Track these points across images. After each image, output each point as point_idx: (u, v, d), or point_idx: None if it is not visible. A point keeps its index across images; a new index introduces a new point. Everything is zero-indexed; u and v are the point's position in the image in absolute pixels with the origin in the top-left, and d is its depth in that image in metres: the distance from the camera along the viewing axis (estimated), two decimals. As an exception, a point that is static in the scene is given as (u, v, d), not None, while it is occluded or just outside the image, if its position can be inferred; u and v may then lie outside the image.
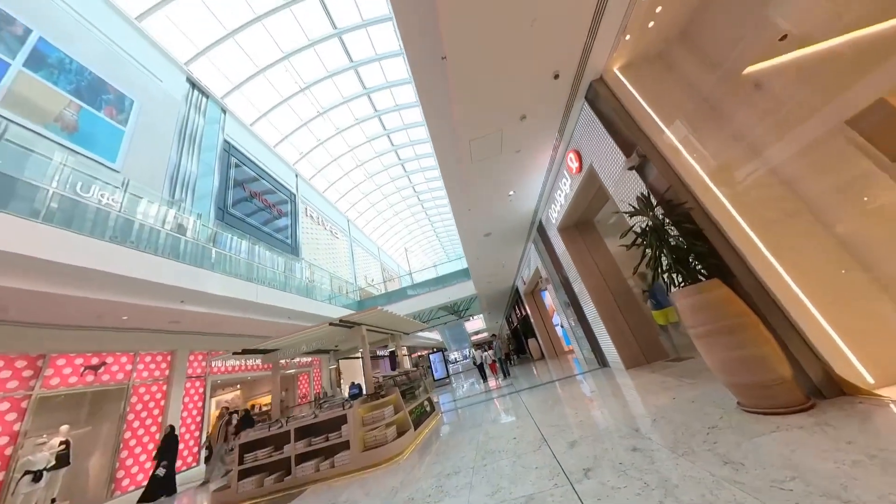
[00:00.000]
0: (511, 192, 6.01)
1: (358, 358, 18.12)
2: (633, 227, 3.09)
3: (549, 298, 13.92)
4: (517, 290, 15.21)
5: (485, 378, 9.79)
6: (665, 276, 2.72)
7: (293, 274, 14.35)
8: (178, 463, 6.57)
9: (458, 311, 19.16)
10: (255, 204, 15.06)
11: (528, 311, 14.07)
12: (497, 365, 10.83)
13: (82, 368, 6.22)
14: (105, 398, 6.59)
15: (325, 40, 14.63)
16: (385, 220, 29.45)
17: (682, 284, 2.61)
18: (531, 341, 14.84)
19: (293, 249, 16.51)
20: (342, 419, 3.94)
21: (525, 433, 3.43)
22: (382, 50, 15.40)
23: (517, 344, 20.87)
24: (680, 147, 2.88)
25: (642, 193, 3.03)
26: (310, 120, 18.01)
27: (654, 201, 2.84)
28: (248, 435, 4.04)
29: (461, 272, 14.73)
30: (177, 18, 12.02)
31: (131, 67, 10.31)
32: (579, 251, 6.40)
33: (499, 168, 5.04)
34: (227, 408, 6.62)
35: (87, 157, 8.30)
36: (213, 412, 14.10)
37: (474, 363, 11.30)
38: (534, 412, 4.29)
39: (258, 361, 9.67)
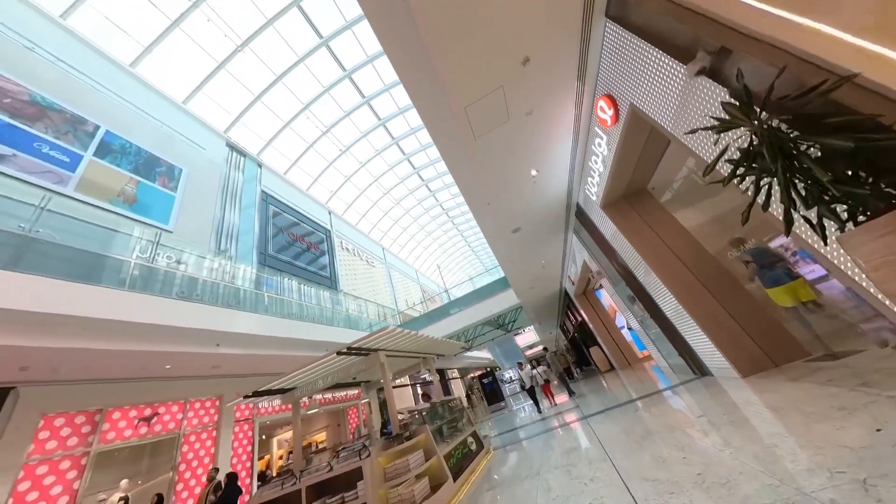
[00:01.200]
0: (534, 172, 5.01)
1: (407, 385, 17.37)
2: (723, 152, 1.94)
3: (606, 297, 11.95)
4: (566, 293, 13.44)
5: (538, 404, 7.94)
6: (803, 212, 1.54)
7: (329, 306, 14.48)
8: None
9: (503, 325, 17.63)
10: (293, 245, 15.84)
11: (585, 316, 12.18)
12: (550, 386, 8.74)
13: (136, 420, 6.34)
14: (158, 449, 6.62)
15: (337, 84, 15.46)
16: (418, 242, 29.54)
17: (847, 222, 1.41)
18: (594, 350, 12.74)
19: (332, 282, 16.86)
20: (358, 473, 3.11)
21: (604, 493, 2.25)
22: (389, 80, 15.83)
23: (578, 355, 18.39)
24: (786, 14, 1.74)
25: (729, 99, 1.91)
26: (335, 159, 19.01)
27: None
28: (262, 496, 3.40)
29: (499, 282, 13.51)
30: (215, 94, 13.56)
31: (179, 141, 11.63)
32: (636, 229, 5.04)
33: (510, 142, 4.14)
34: (216, 468, 6.18)
35: (145, 223, 9.18)
36: (277, 451, 14.27)
37: (522, 387, 9.25)
38: (614, 452, 3.02)
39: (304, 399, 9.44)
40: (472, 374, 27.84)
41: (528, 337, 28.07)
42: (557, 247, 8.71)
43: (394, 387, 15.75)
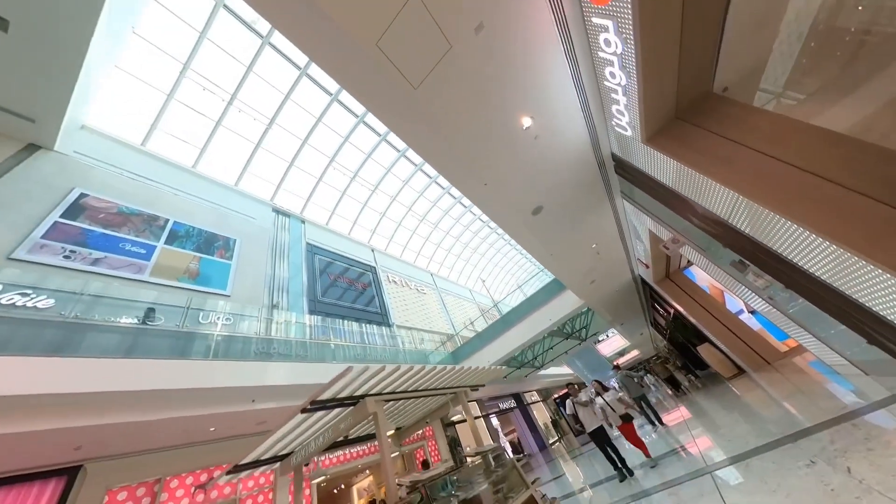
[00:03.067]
0: (527, 123, 3.66)
1: (478, 417, 15.53)
2: None
3: (701, 275, 8.90)
4: (643, 281, 10.59)
5: (616, 464, 4.32)
6: None
7: (380, 342, 14.08)
8: None
9: (572, 333, 14.84)
10: (339, 286, 16.37)
11: (678, 306, 9.22)
12: (634, 427, 4.79)
13: (193, 488, 6.29)
14: (217, 516, 6.42)
15: (354, 130, 16.35)
16: (466, 260, 28.52)
17: None
18: (704, 349, 9.44)
19: (383, 317, 16.71)
20: None
21: None
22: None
23: (683, 358, 14.28)
24: None
25: None
26: (367, 199, 19.83)
27: None
28: None
29: (552, 285, 11.42)
30: (258, 170, 15.41)
31: (233, 217, 13.18)
32: (716, 154, 3.20)
33: (470, 81, 2.98)
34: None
35: (206, 293, 10.15)
36: (357, 502, 13.69)
37: (576, 424, 5.12)
38: None
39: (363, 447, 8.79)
40: (555, 396, 24.19)
41: (613, 343, 23.59)
42: (606, 222, 6.71)
43: (461, 422, 14.18)
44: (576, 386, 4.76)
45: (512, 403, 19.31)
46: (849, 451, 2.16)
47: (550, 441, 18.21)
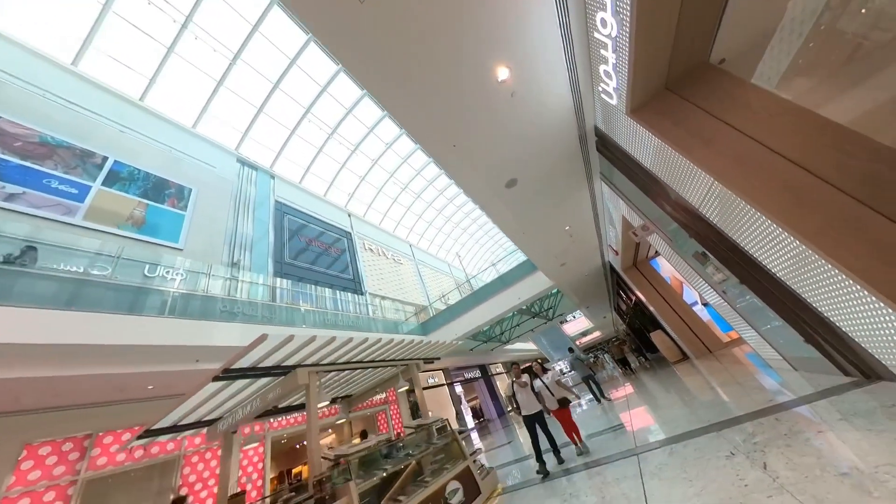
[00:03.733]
0: (503, 74, 3.16)
1: (442, 385, 16.13)
2: None
3: (665, 266, 9.12)
4: (612, 268, 10.78)
5: (539, 457, 3.79)
6: None
7: (352, 309, 13.85)
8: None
9: (540, 312, 15.28)
10: (311, 250, 15.65)
11: (640, 294, 9.51)
12: (570, 412, 4.20)
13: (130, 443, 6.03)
14: (156, 473, 6.26)
15: (333, 80, 14.73)
16: (447, 234, 28.18)
17: None
18: (657, 335, 9.96)
19: (356, 285, 16.35)
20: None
21: None
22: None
23: (638, 342, 15.22)
24: None
25: None
26: (346, 160, 18.53)
27: None
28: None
29: (525, 265, 11.41)
30: (221, 114, 13.73)
31: (188, 163, 11.83)
32: (698, 132, 2.90)
33: (439, 5, 2.41)
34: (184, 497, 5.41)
35: (153, 244, 9.24)
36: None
37: (514, 405, 4.40)
38: None
39: (328, 409, 8.77)
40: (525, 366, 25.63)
41: (578, 324, 24.84)
42: (583, 204, 6.49)
43: (426, 388, 14.66)
44: (518, 365, 4.45)
45: (477, 374, 20.21)
46: (768, 445, 2.14)
47: (508, 409, 19.48)
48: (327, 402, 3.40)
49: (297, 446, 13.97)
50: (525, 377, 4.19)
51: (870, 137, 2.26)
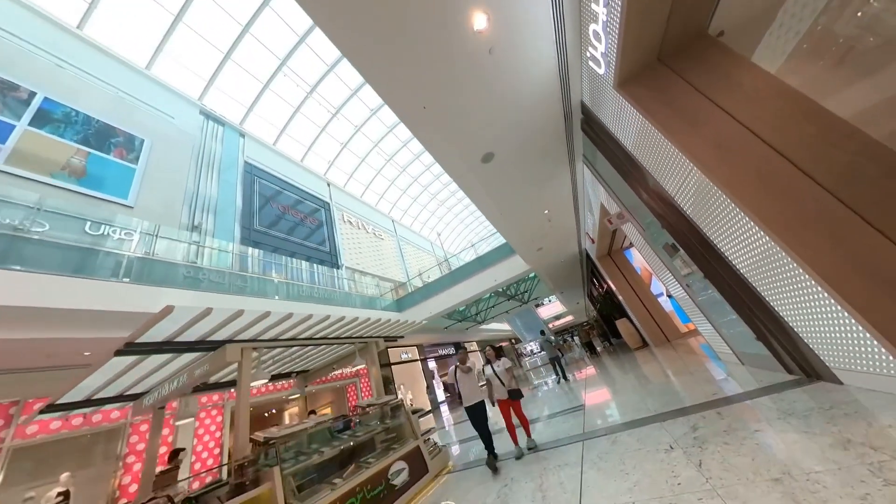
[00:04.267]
0: (480, 23, 2.70)
1: (415, 360, 16.38)
2: None
3: (638, 257, 9.25)
4: (588, 256, 10.86)
5: (488, 444, 3.39)
6: None
7: (328, 282, 13.44)
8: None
9: (515, 295, 15.50)
10: (284, 219, 14.81)
11: (611, 283, 9.68)
12: (520, 404, 3.60)
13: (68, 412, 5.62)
14: (100, 440, 5.94)
15: (313, 30, 13.24)
16: (431, 212, 27.61)
17: None
18: (622, 323, 10.30)
19: (332, 257, 15.82)
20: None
21: None
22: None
23: (606, 328, 15.87)
24: None
25: None
26: (327, 124, 17.23)
27: None
28: None
29: (503, 248, 11.28)
30: (182, 57, 12.12)
31: (141, 110, 10.50)
32: (684, 111, 2.63)
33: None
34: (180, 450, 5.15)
35: (98, 198, 8.29)
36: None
37: (457, 397, 4.56)
38: None
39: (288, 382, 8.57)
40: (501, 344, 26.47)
41: (552, 308, 25.67)
42: (563, 189, 6.24)
43: (398, 363, 14.80)
44: (465, 348, 4.00)
45: (451, 351, 20.69)
46: (707, 441, 2.09)
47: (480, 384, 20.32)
48: (265, 381, 3.16)
49: (267, 414, 13.97)
50: (471, 362, 3.74)
51: (861, 130, 2.07)
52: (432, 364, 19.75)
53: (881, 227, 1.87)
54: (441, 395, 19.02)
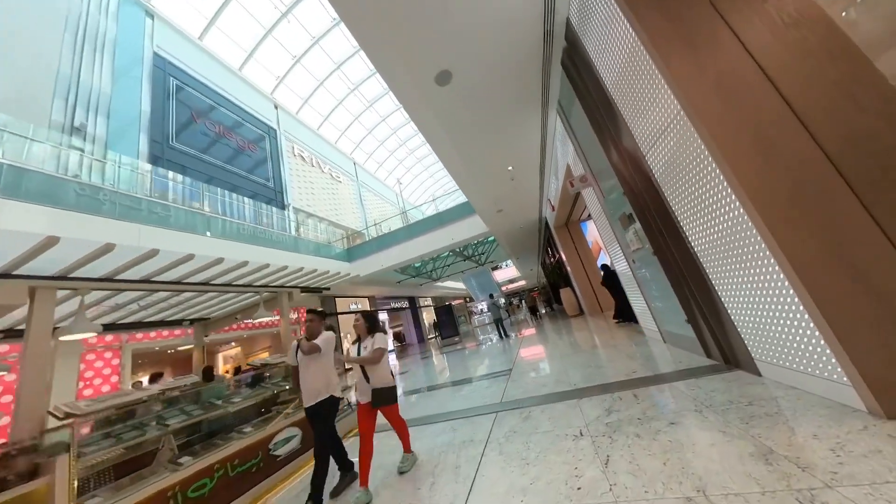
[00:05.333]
0: None
1: (355, 312, 16.08)
2: None
3: (591, 231, 9.25)
4: (547, 224, 10.71)
5: (340, 461, 2.41)
6: None
7: (272, 223, 11.84)
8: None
9: (471, 256, 15.39)
10: (219, 143, 12.28)
11: (563, 253, 9.72)
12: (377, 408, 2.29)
13: None
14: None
15: None
16: (399, 160, 25.41)
17: None
18: (564, 292, 10.70)
19: (277, 195, 13.88)
20: None
21: None
22: None
23: (551, 294, 16.77)
24: None
25: None
26: (274, 26, 13.77)
27: None
28: None
29: (464, 206, 10.60)
30: None
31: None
32: (695, 24, 1.93)
33: None
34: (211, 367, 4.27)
35: None
36: (223, 366, 13.56)
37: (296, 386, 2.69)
38: None
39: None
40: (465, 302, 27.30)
41: (508, 272, 26.63)
42: (531, 140, 5.51)
43: (346, 313, 14.35)
44: (322, 311, 2.55)
45: (405, 304, 20.79)
46: (618, 431, 1.83)
47: (429, 336, 21.07)
48: (93, 333, 2.34)
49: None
50: (325, 337, 2.45)
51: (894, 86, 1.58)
52: (385, 316, 19.77)
53: (883, 222, 1.48)
54: (391, 344, 19.50)
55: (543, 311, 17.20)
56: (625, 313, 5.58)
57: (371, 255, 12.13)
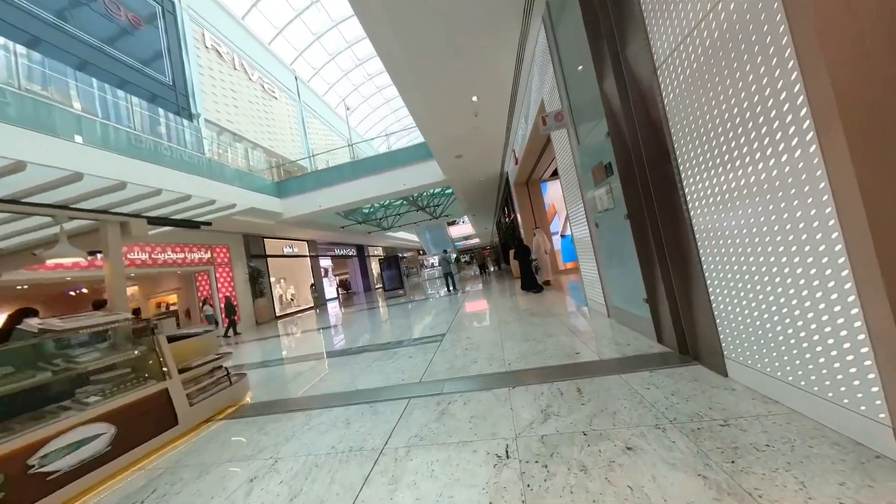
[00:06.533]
0: None
1: (298, 257, 14.43)
2: None
3: (550, 194, 8.79)
4: (508, 182, 9.93)
5: None
6: None
7: (169, 135, 8.88)
8: None
9: (426, 207, 14.29)
10: (70, 10, 8.25)
11: (519, 215, 9.20)
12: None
13: None
14: None
15: None
16: (355, 85, 21.37)
17: None
18: (513, 253, 10.52)
19: (179, 98, 10.45)
20: None
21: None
22: None
23: (501, 254, 16.89)
24: None
25: None
26: None
27: None
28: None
29: (420, 148, 9.14)
30: None
31: None
32: None
33: None
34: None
35: None
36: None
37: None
38: None
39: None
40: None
41: (463, 229, 26.25)
42: (504, 63, 4.28)
43: (280, 256, 12.63)
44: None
45: (352, 252, 19.37)
46: (557, 454, 1.29)
47: (376, 286, 20.40)
48: None
49: (74, 293, 10.44)
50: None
51: None
52: (328, 262, 18.26)
53: None
54: (333, 292, 18.41)
55: (492, 270, 17.52)
56: (529, 284, 6.46)
57: (308, 193, 10.25)
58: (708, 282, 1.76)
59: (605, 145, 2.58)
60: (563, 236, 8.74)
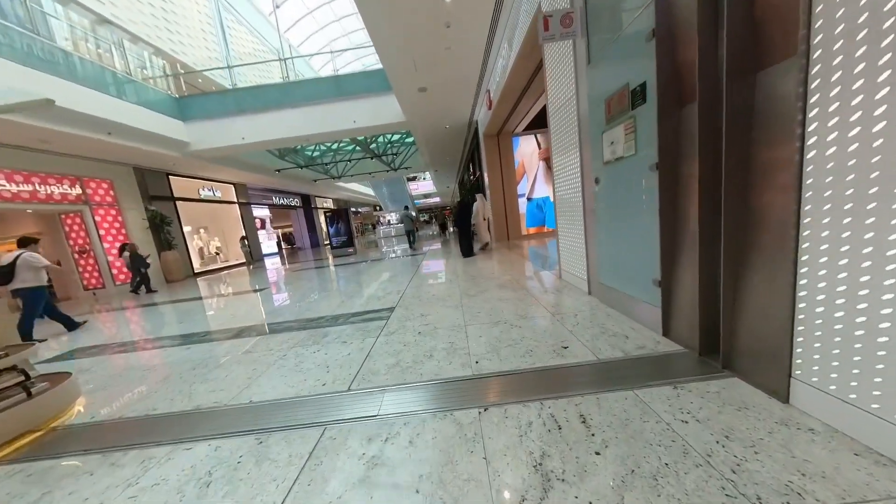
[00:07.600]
0: None
1: (220, 202, 11.81)
2: None
3: (522, 148, 7.95)
4: (476, 134, 8.73)
5: None
6: None
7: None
8: None
9: (382, 155, 12.47)
10: None
11: (486, 173, 8.26)
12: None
13: None
14: None
15: None
16: (293, -14, 16.37)
17: None
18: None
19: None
20: None
21: None
22: None
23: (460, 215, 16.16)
24: None
25: None
26: None
27: None
28: None
29: (376, 76, 7.27)
30: None
31: None
32: None
33: None
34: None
35: None
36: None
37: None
38: None
39: None
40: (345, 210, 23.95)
41: (423, 186, 24.56)
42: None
43: (193, 199, 10.07)
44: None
45: (296, 202, 16.76)
46: None
47: (325, 242, 18.41)
48: None
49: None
50: None
51: None
52: (265, 212, 15.60)
53: None
54: (273, 247, 16.04)
55: (452, 230, 16.87)
56: (465, 249, 6.39)
57: (226, 119, 7.81)
58: (803, 269, 1.14)
59: (642, 56, 1.70)
60: (529, 199, 8.18)
